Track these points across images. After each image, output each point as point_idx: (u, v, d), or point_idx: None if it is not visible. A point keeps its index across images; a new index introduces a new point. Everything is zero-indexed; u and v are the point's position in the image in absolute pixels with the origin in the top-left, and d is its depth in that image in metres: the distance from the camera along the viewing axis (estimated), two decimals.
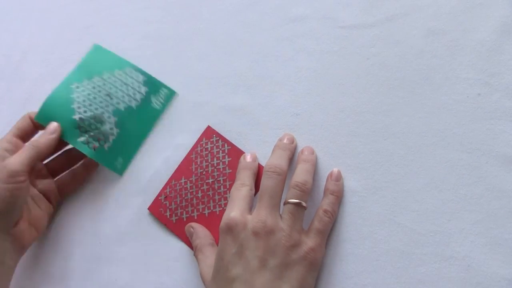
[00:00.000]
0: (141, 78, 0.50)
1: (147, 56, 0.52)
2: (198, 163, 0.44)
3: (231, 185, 0.41)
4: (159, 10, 0.54)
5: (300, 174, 0.38)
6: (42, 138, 0.43)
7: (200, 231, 0.40)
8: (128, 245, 0.44)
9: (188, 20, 0.52)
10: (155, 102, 0.49)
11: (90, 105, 0.47)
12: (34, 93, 0.54)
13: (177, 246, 0.43)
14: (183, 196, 0.44)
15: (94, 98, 0.47)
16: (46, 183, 0.46)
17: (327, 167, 0.41)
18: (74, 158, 0.48)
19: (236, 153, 0.43)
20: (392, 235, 0.37)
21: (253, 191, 0.39)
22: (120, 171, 0.48)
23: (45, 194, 0.45)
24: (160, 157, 0.47)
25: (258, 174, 0.41)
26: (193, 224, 0.42)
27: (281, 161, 0.38)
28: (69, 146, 0.48)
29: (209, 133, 0.45)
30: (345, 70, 0.43)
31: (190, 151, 0.45)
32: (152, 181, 0.46)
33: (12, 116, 0.53)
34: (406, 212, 0.37)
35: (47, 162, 0.47)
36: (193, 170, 0.44)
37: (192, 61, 0.50)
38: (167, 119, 0.49)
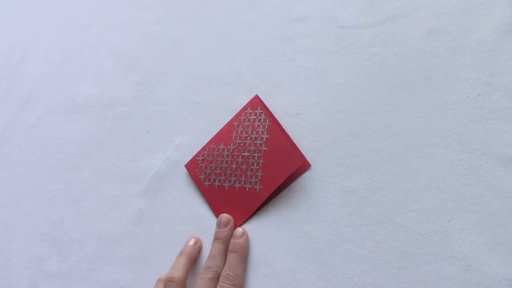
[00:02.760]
0: None
1: (147, 56, 0.52)
2: (239, 132, 0.44)
3: (264, 164, 0.41)
4: (159, 10, 0.54)
5: (232, 266, 0.38)
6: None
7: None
8: (128, 245, 0.44)
9: (188, 20, 0.52)
10: None
11: None
12: (34, 93, 0.54)
13: (177, 246, 0.43)
14: (219, 163, 0.43)
15: None
16: None
17: (328, 167, 0.41)
18: None
19: (275, 131, 0.42)
20: (392, 235, 0.37)
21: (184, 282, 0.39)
22: None
23: None
24: (160, 157, 0.47)
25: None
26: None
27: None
28: None
29: (255, 103, 0.44)
30: (345, 70, 0.43)
31: (234, 117, 0.45)
32: (153, 181, 0.46)
33: (12, 116, 0.53)
34: (406, 212, 0.37)
35: None
36: (233, 138, 0.44)
37: (192, 61, 0.50)
38: (167, 119, 0.49)
